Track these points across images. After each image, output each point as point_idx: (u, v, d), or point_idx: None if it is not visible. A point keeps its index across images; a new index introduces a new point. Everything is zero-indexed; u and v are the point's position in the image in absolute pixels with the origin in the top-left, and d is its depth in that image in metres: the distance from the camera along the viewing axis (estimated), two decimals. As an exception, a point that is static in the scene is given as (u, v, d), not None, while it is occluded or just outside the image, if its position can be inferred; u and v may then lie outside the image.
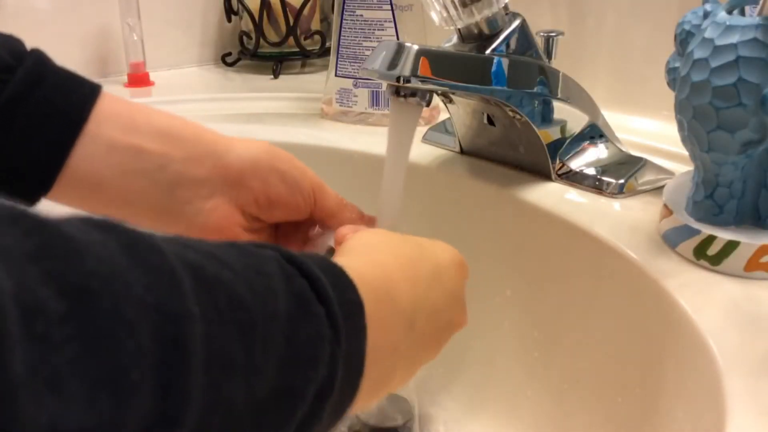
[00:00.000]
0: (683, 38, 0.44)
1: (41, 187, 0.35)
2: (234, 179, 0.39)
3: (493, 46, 0.51)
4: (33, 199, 0.35)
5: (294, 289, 0.24)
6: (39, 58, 0.36)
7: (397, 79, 0.44)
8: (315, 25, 0.99)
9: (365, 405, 0.29)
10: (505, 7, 0.52)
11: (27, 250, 0.16)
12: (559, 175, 0.56)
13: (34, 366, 0.15)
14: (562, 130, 0.55)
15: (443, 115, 0.71)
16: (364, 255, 0.32)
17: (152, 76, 0.92)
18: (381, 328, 0.28)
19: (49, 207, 0.36)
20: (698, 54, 0.40)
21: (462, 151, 0.63)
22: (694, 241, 0.42)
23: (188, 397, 0.18)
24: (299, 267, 0.25)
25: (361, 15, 0.72)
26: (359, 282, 0.27)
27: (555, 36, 0.57)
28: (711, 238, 0.41)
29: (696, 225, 0.42)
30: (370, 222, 0.44)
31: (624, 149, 0.58)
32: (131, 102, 0.38)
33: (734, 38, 0.38)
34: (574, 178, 0.55)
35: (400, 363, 0.31)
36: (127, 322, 0.17)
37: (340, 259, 0.30)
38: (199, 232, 0.39)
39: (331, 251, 0.42)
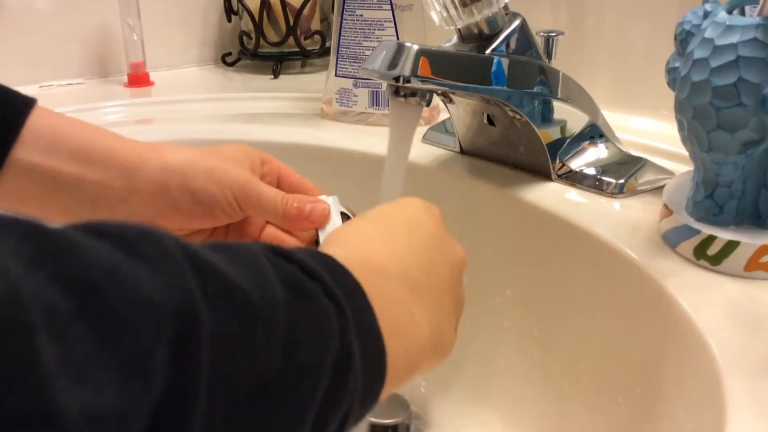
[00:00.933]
0: (683, 38, 0.44)
1: None
2: (146, 201, 0.39)
3: (493, 46, 0.51)
4: None
5: (284, 276, 0.24)
6: None
7: (397, 79, 0.44)
8: (315, 25, 0.99)
9: (420, 371, 0.29)
10: (505, 7, 0.52)
11: (26, 255, 0.16)
12: (559, 175, 0.56)
13: (59, 363, 0.15)
14: (562, 130, 0.55)
15: (443, 115, 0.71)
16: (337, 244, 0.32)
17: (152, 76, 0.92)
18: (383, 299, 0.28)
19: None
20: (698, 54, 0.40)
21: (462, 151, 0.63)
22: (694, 241, 0.42)
23: (199, 369, 0.18)
24: (285, 256, 0.25)
25: (361, 15, 0.72)
26: (353, 268, 0.27)
27: (555, 36, 0.57)
28: (711, 238, 0.41)
29: (696, 225, 0.42)
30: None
31: (624, 149, 0.58)
32: (58, 118, 0.39)
33: (734, 38, 0.38)
34: (574, 178, 0.55)
35: (424, 324, 0.30)
36: (138, 307, 0.17)
37: (328, 252, 0.30)
38: None
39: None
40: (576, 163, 0.55)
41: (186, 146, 0.41)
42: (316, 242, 0.42)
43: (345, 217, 0.43)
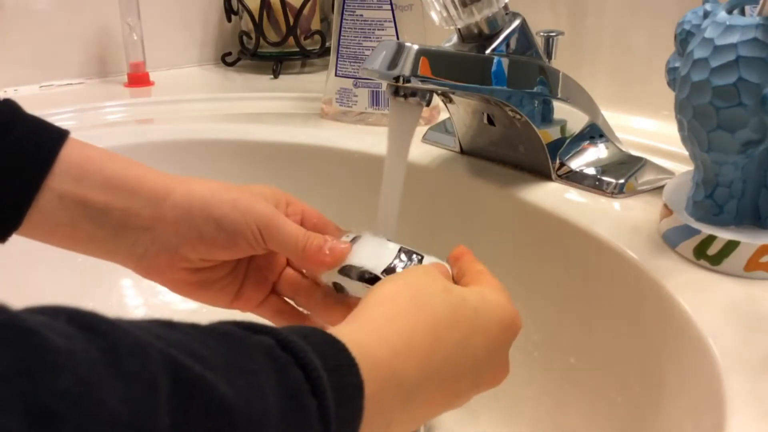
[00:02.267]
0: (683, 38, 0.44)
1: (11, 228, 0.38)
2: (170, 228, 0.40)
3: (493, 46, 0.51)
4: (4, 236, 0.39)
5: (287, 382, 0.24)
6: (11, 106, 0.39)
7: (397, 79, 0.44)
8: (315, 25, 0.99)
9: None
10: (505, 7, 0.51)
11: (1, 367, 0.16)
12: (559, 175, 0.56)
13: None
14: (562, 130, 0.55)
15: (443, 115, 0.71)
16: (377, 323, 0.31)
17: (152, 76, 0.92)
18: (378, 408, 0.28)
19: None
20: (698, 54, 0.40)
21: (462, 151, 0.63)
22: (694, 241, 0.42)
23: None
24: (296, 355, 0.25)
25: (361, 15, 0.72)
26: (362, 360, 0.27)
27: (555, 36, 0.57)
28: (711, 238, 0.41)
29: (696, 225, 0.42)
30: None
31: (624, 149, 0.58)
32: (90, 149, 0.40)
33: (734, 38, 0.38)
34: (574, 178, 0.55)
35: (396, 429, 0.31)
36: None
37: (349, 330, 0.30)
38: (145, 272, 0.41)
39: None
40: (576, 163, 0.55)
41: (212, 180, 0.42)
42: (336, 288, 0.41)
43: (406, 253, 0.41)
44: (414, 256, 0.41)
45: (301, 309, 0.44)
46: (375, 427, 0.28)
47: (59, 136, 0.39)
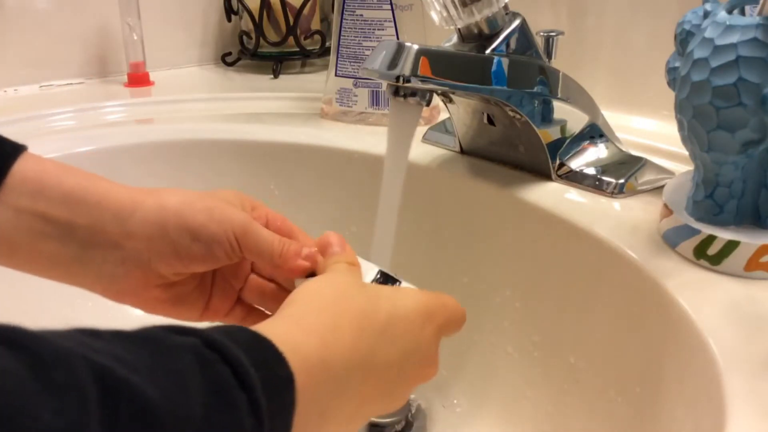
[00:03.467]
0: (683, 38, 0.44)
1: None
2: (141, 245, 0.38)
3: (493, 45, 0.51)
4: None
5: (213, 379, 0.24)
6: None
7: (397, 79, 0.44)
8: (315, 24, 0.99)
9: None
10: (505, 7, 0.51)
11: None
12: (559, 175, 0.56)
13: None
14: (562, 129, 0.55)
15: (443, 115, 0.71)
16: (302, 317, 0.32)
17: (152, 76, 0.92)
18: (311, 399, 0.28)
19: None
20: (698, 54, 0.40)
21: (462, 151, 0.63)
22: (694, 241, 0.42)
23: None
24: (221, 352, 0.25)
25: (361, 15, 0.72)
26: (290, 352, 0.27)
27: (555, 36, 0.57)
28: (711, 238, 0.41)
29: (696, 225, 0.42)
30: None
31: (624, 149, 0.58)
32: (47, 163, 0.37)
33: (734, 38, 0.38)
34: (574, 178, 0.55)
35: (331, 424, 0.31)
36: None
37: (273, 325, 0.30)
38: (115, 295, 0.40)
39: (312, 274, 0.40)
40: (576, 163, 0.55)
41: (179, 189, 0.40)
42: None
43: (383, 276, 0.41)
44: (390, 280, 0.41)
45: (269, 313, 0.44)
46: (308, 420, 0.28)
47: (13, 150, 0.37)
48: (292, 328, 0.30)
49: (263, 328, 0.29)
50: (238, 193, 0.42)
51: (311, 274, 0.39)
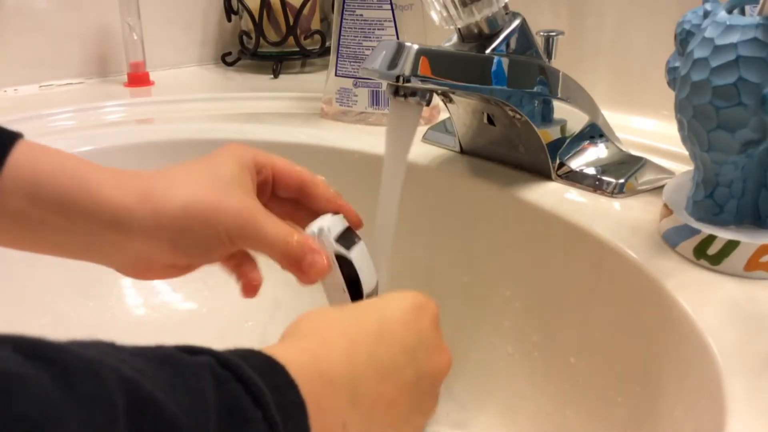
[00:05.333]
0: (683, 38, 0.44)
1: None
2: (142, 245, 0.38)
3: (493, 45, 0.51)
4: None
5: (227, 397, 0.24)
6: None
7: (397, 79, 0.44)
8: (315, 24, 0.99)
9: None
10: (505, 7, 0.51)
11: None
12: (559, 175, 0.56)
13: None
14: (562, 129, 0.55)
15: (443, 115, 0.71)
16: (295, 336, 0.32)
17: (152, 76, 0.92)
18: (320, 409, 0.28)
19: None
20: (698, 53, 0.40)
21: (462, 151, 0.63)
22: (694, 241, 0.42)
23: None
24: (235, 371, 0.25)
25: (361, 15, 0.72)
26: (297, 374, 0.27)
27: (555, 35, 0.57)
28: (711, 238, 0.41)
29: (696, 225, 0.42)
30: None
31: (624, 149, 0.58)
32: (40, 158, 0.37)
33: (734, 38, 0.38)
34: (574, 178, 0.55)
35: None
36: None
37: (283, 349, 0.30)
38: (131, 274, 0.40)
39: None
40: (576, 163, 0.55)
41: (177, 175, 0.39)
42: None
43: (348, 234, 0.42)
44: (354, 235, 0.41)
45: None
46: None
47: (9, 139, 0.37)
48: (302, 345, 0.31)
49: (273, 351, 0.29)
50: (240, 152, 0.41)
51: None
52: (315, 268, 0.38)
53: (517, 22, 0.52)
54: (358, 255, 0.41)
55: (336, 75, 0.75)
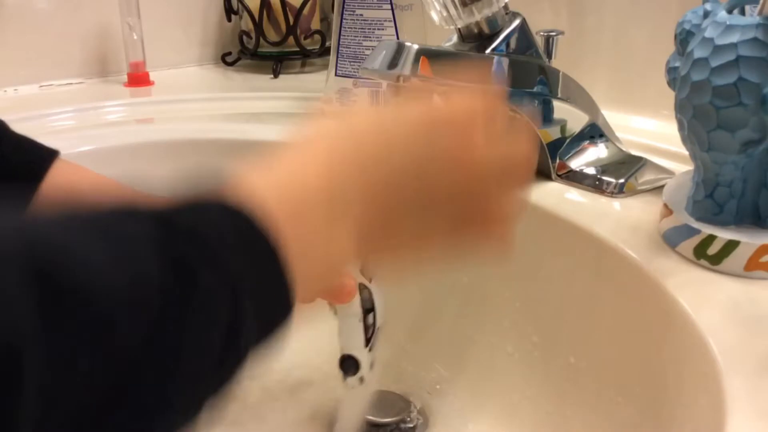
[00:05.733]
0: (683, 38, 0.44)
1: None
2: None
3: (493, 45, 0.51)
4: None
5: (173, 263, 0.22)
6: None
7: (397, 79, 0.44)
8: (315, 24, 0.99)
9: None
10: (505, 7, 0.51)
11: None
12: (559, 175, 0.56)
13: None
14: (562, 129, 0.55)
15: (443, 115, 0.71)
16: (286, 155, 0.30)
17: (152, 76, 0.92)
18: (301, 229, 0.26)
19: None
20: (698, 53, 0.40)
21: (462, 151, 0.63)
22: (694, 241, 0.42)
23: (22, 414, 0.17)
24: (187, 235, 0.23)
25: (361, 14, 0.72)
26: (273, 198, 0.26)
27: (555, 35, 0.57)
28: (711, 238, 0.41)
29: (696, 224, 0.42)
30: None
31: (624, 149, 0.58)
32: (74, 182, 0.36)
33: (734, 38, 0.38)
34: (574, 178, 0.55)
35: (347, 246, 0.28)
36: None
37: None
38: None
39: None
40: (576, 163, 0.55)
41: None
42: None
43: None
44: None
45: None
46: (311, 247, 0.26)
47: (49, 155, 0.36)
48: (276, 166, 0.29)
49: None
50: None
51: None
52: (346, 290, 0.37)
53: (517, 22, 0.52)
54: (375, 286, 0.41)
55: (336, 75, 0.75)
